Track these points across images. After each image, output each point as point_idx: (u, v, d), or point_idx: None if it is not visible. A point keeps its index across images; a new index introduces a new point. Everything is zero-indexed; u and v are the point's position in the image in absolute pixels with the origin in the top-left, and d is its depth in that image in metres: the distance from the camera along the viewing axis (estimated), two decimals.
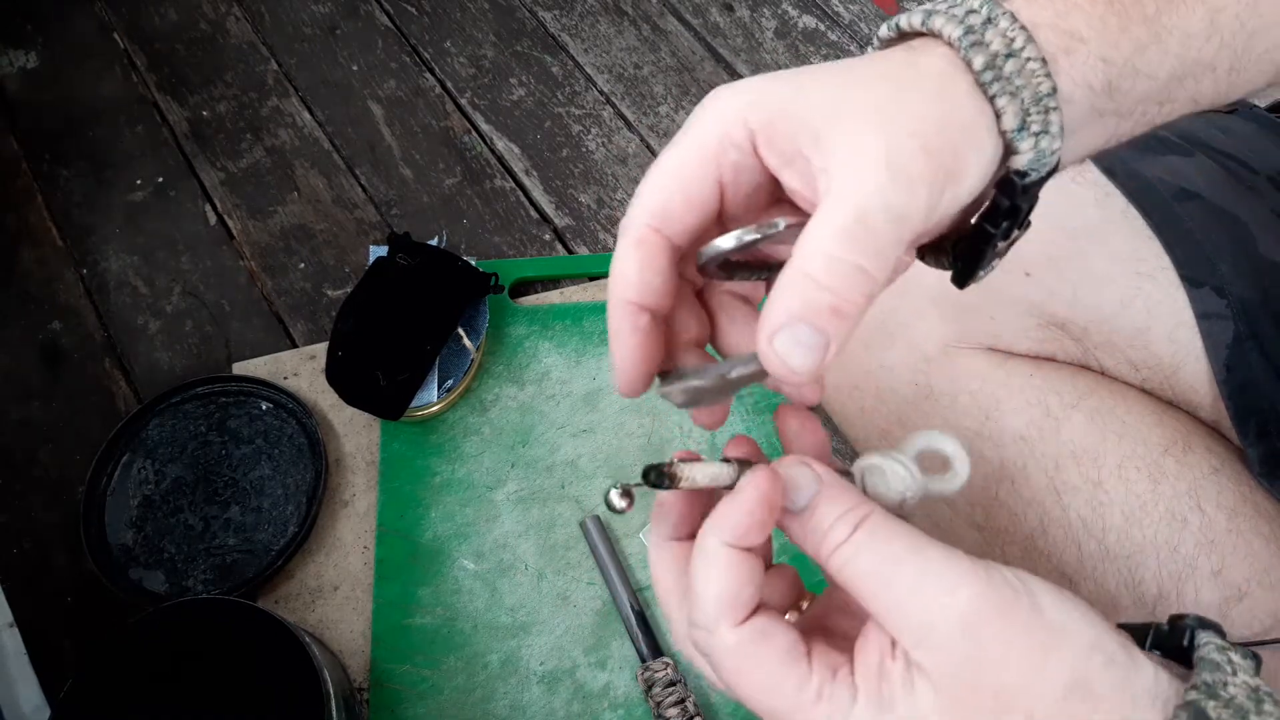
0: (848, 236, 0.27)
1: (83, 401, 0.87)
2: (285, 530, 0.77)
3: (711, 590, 0.29)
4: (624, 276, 0.31)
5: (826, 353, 0.27)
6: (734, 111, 0.30)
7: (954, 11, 0.31)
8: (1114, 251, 0.55)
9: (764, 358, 0.28)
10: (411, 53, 1.08)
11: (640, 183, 0.32)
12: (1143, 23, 0.34)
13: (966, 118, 0.30)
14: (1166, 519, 0.50)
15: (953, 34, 0.31)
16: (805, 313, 0.27)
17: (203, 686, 0.67)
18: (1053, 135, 0.31)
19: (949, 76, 0.30)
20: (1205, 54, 0.35)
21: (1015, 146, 0.31)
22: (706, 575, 0.29)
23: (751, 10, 1.09)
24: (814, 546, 0.30)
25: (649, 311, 0.32)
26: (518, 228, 0.95)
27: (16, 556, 0.80)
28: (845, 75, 0.31)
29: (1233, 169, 0.56)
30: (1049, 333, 0.57)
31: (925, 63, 0.31)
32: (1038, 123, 0.31)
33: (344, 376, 0.77)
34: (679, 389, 0.31)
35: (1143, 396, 0.55)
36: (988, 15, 0.31)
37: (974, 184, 0.30)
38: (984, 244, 0.33)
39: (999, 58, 0.30)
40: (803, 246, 0.28)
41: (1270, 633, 0.47)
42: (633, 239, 0.31)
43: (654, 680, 0.69)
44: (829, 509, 0.30)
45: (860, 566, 0.29)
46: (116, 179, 1.00)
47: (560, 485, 0.79)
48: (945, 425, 0.58)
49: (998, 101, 0.30)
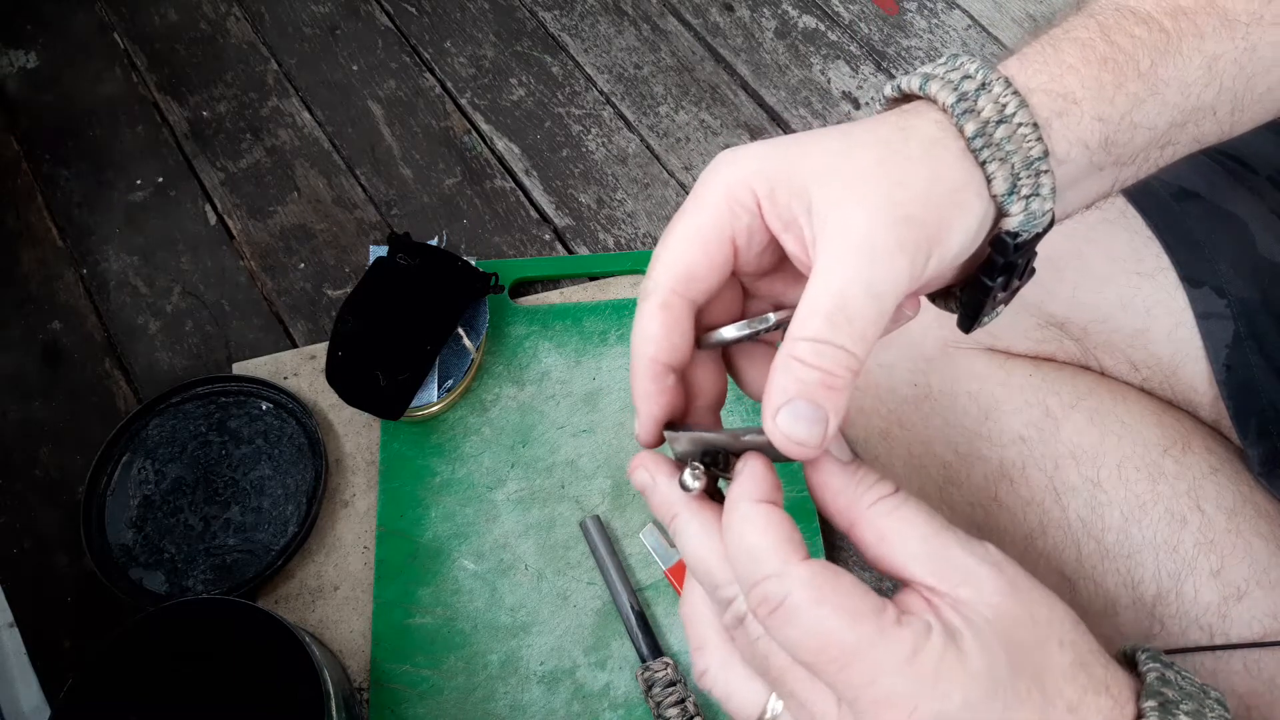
0: (829, 323, 0.29)
1: (83, 401, 0.87)
2: (285, 530, 0.77)
3: (769, 537, 0.30)
4: (650, 337, 0.33)
5: (827, 424, 0.29)
6: (740, 177, 0.32)
7: (950, 77, 0.33)
8: (1114, 251, 0.55)
9: (771, 435, 0.30)
10: (411, 53, 1.08)
11: (658, 246, 0.34)
12: (1137, 78, 0.35)
13: (954, 182, 0.31)
14: (1166, 519, 0.50)
15: (946, 100, 0.32)
16: (800, 391, 0.29)
17: (203, 686, 0.67)
18: (1043, 198, 0.32)
19: (939, 142, 0.32)
20: (1205, 99, 0.36)
21: (1005, 209, 0.32)
22: (758, 527, 0.30)
23: (751, 10, 1.09)
24: (855, 497, 0.31)
25: (673, 370, 0.33)
26: (518, 228, 0.95)
27: (16, 556, 0.80)
28: (841, 140, 0.32)
29: (1233, 169, 0.56)
30: (1048, 333, 0.57)
31: (917, 127, 0.32)
32: (1028, 186, 0.32)
33: (344, 376, 0.77)
34: (686, 436, 0.33)
35: (1142, 396, 0.55)
36: (982, 81, 0.32)
37: (961, 245, 0.31)
38: (983, 295, 0.34)
39: (990, 124, 0.32)
40: (793, 330, 0.30)
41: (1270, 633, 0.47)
42: (657, 302, 0.33)
43: (654, 680, 0.69)
44: (870, 470, 0.31)
45: (903, 515, 0.30)
46: (116, 179, 1.00)
47: (560, 485, 0.79)
48: (945, 425, 0.58)
49: (988, 167, 0.31)
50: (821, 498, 0.32)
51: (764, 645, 0.30)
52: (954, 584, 0.29)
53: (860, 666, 0.28)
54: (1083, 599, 0.51)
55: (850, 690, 0.28)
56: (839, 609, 0.28)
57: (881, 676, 0.27)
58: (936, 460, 0.59)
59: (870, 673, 0.27)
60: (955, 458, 0.58)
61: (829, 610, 0.28)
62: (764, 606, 0.29)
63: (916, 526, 0.30)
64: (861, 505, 0.31)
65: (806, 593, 0.28)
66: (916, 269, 0.30)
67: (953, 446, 0.58)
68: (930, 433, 0.59)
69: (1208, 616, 0.48)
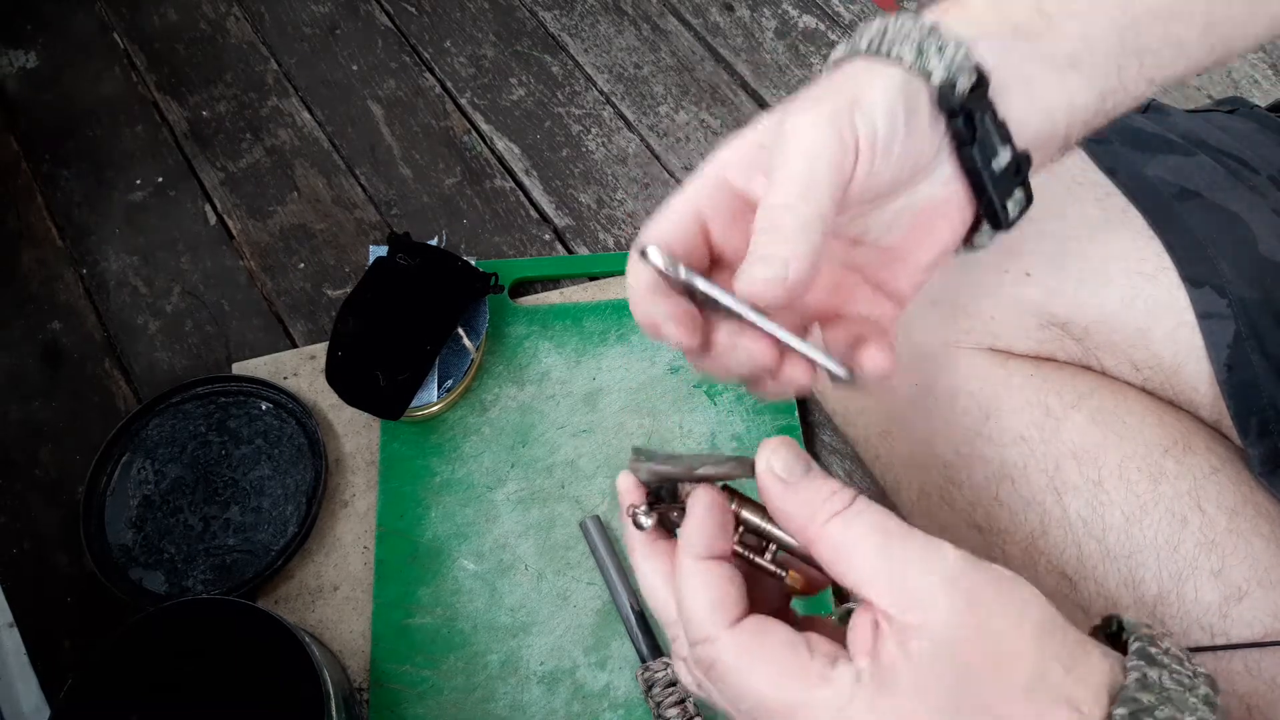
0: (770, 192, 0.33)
1: (83, 401, 0.87)
2: (285, 530, 0.77)
3: (700, 600, 0.31)
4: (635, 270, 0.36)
5: (787, 266, 0.32)
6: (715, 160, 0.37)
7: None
8: (1114, 251, 0.55)
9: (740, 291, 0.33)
10: (411, 53, 1.08)
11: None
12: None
13: (861, 68, 0.36)
14: (1167, 519, 0.50)
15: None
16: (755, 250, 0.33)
17: (202, 686, 0.67)
18: (953, 46, 0.35)
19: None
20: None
21: (927, 69, 0.35)
22: (693, 589, 0.31)
23: (751, 10, 1.09)
24: (808, 516, 0.32)
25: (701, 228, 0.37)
26: (518, 228, 0.95)
27: (16, 556, 0.80)
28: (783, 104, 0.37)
29: (1234, 168, 0.56)
30: (1049, 333, 0.57)
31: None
32: (932, 45, 0.35)
33: (344, 376, 0.77)
34: (646, 468, 0.35)
35: (1143, 396, 0.55)
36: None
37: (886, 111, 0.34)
38: (976, 171, 0.36)
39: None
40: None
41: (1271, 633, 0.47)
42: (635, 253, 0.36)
43: (654, 680, 0.69)
44: (824, 483, 0.32)
45: (856, 531, 0.31)
46: (116, 179, 1.00)
47: (560, 485, 0.79)
48: (946, 425, 0.58)
49: (893, 52, 0.35)
50: (781, 523, 0.33)
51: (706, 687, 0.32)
52: (903, 608, 0.29)
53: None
54: (1084, 599, 0.51)
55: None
56: (766, 672, 0.30)
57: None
58: (937, 460, 0.59)
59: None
60: (956, 457, 0.58)
61: (757, 674, 0.30)
62: (699, 666, 0.31)
63: (870, 541, 0.30)
64: (816, 523, 0.31)
65: (734, 658, 0.30)
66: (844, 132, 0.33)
67: (953, 446, 0.58)
68: (931, 432, 0.59)
69: (1209, 616, 0.48)
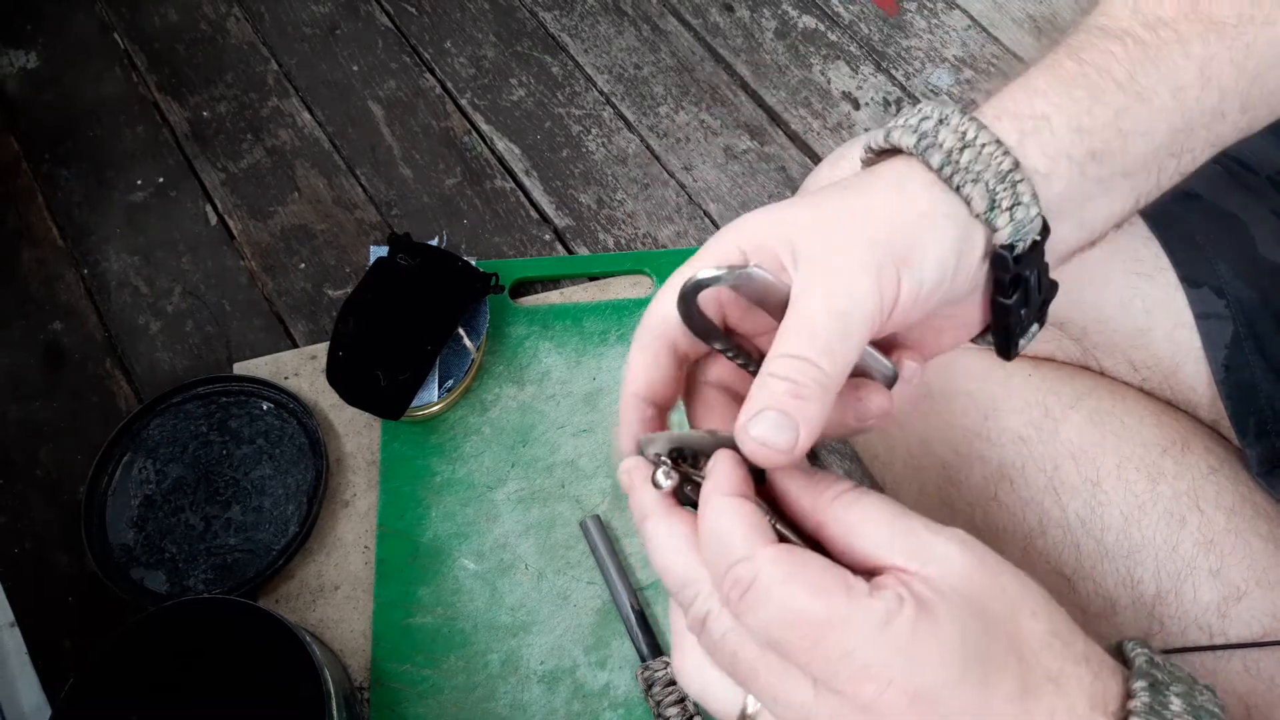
0: (795, 337, 0.31)
1: (83, 401, 0.87)
2: (286, 530, 0.77)
3: (739, 527, 0.31)
4: (630, 371, 0.36)
5: (797, 431, 0.31)
6: (731, 239, 0.34)
7: (909, 123, 0.35)
8: (1113, 252, 0.55)
9: (743, 445, 0.31)
10: (411, 53, 1.08)
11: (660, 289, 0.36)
12: (1116, 89, 0.36)
13: (921, 207, 0.33)
14: (1165, 519, 0.50)
15: (908, 143, 0.34)
16: (769, 400, 0.31)
17: (203, 686, 0.67)
18: (1025, 205, 0.33)
19: (905, 175, 0.34)
20: (1207, 102, 0.37)
21: (993, 224, 0.33)
22: (730, 518, 0.31)
23: (751, 10, 1.09)
24: (817, 495, 0.32)
25: (653, 405, 0.36)
26: (518, 228, 0.95)
27: (17, 556, 0.80)
28: (828, 193, 0.34)
29: (1232, 169, 0.56)
30: (1048, 333, 0.57)
31: (884, 169, 0.35)
32: (1007, 198, 0.33)
33: (344, 376, 0.77)
34: (664, 437, 0.35)
35: (1142, 396, 0.55)
36: (939, 118, 0.34)
37: (938, 266, 0.33)
38: (1005, 316, 0.36)
39: (954, 151, 0.33)
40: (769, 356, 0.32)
41: (1269, 632, 0.47)
42: (640, 343, 0.36)
43: (654, 680, 0.69)
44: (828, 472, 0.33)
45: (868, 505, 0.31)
46: (117, 179, 1.00)
47: (560, 485, 0.79)
48: (944, 425, 0.58)
49: (962, 190, 0.33)
50: (786, 503, 0.33)
51: (732, 641, 0.30)
52: (922, 562, 0.29)
53: (833, 639, 0.28)
54: (1082, 599, 0.51)
55: (825, 667, 0.28)
56: (807, 584, 0.28)
57: (855, 649, 0.27)
58: (936, 460, 0.59)
59: (843, 646, 0.27)
60: (955, 457, 0.58)
61: (797, 586, 0.28)
62: (735, 589, 0.29)
63: (881, 514, 0.31)
64: (824, 501, 0.32)
65: (774, 570, 0.29)
66: (885, 288, 0.32)
67: (952, 446, 0.58)
68: (930, 433, 0.59)
69: (1207, 616, 0.48)
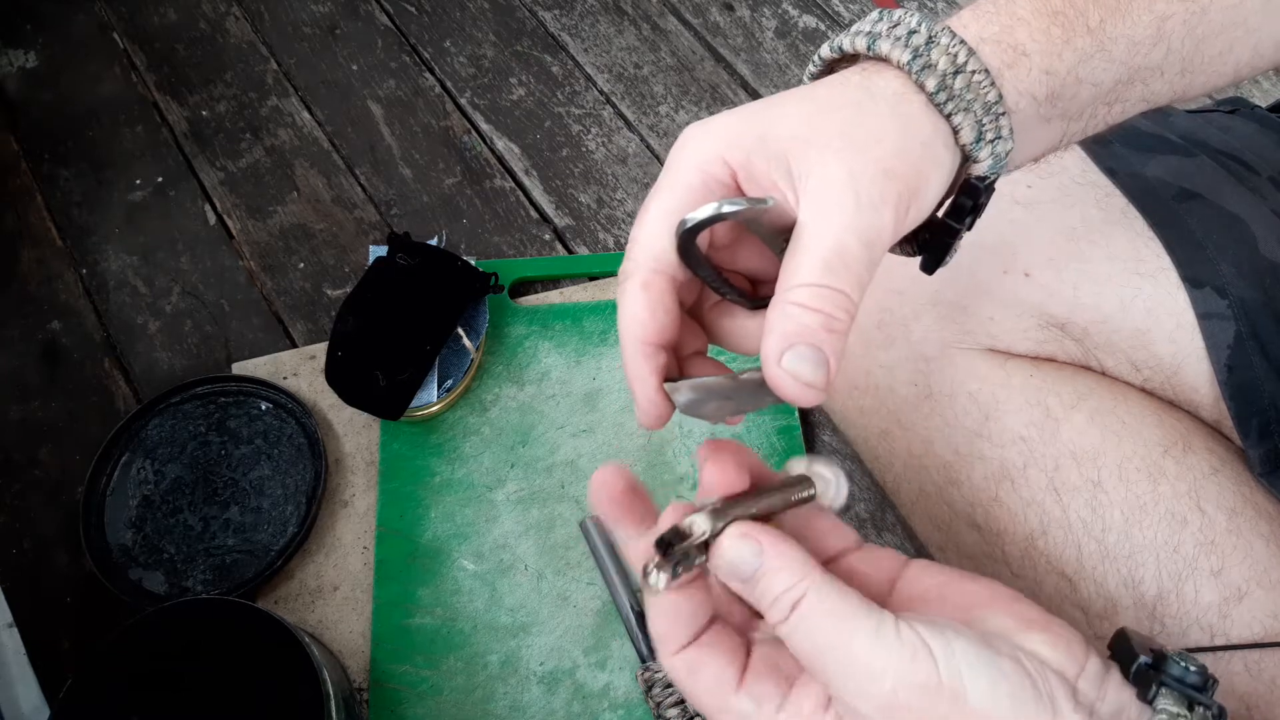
0: (827, 268, 0.30)
1: (82, 401, 0.87)
2: (285, 530, 0.77)
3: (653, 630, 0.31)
4: (636, 318, 0.33)
5: (829, 368, 0.30)
6: (713, 152, 0.32)
7: (897, 34, 0.33)
8: (1114, 252, 0.55)
9: (774, 381, 0.30)
10: (411, 52, 1.08)
11: (634, 227, 0.33)
12: (1086, 34, 0.36)
13: (925, 136, 0.32)
14: (1166, 519, 0.50)
15: (901, 58, 0.33)
16: (802, 334, 0.29)
17: (202, 687, 0.67)
18: (1005, 139, 0.34)
19: (904, 98, 0.33)
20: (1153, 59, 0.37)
21: (974, 155, 0.33)
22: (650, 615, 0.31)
23: (751, 10, 1.09)
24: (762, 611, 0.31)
25: (663, 348, 0.33)
26: (518, 228, 0.95)
27: (16, 556, 0.80)
28: (809, 104, 0.33)
29: (1234, 169, 0.56)
30: (1049, 333, 0.57)
31: (880, 86, 0.33)
32: (991, 131, 0.33)
33: (343, 376, 0.77)
34: (687, 385, 0.32)
35: (1143, 397, 0.55)
36: (929, 35, 0.33)
37: (935, 195, 0.33)
38: (949, 237, 0.36)
39: (948, 76, 0.33)
40: (788, 280, 0.30)
41: (1270, 633, 0.47)
42: (639, 282, 0.33)
43: (654, 681, 0.69)
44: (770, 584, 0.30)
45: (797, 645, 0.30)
46: (116, 179, 1.00)
47: (560, 485, 0.79)
48: (945, 425, 0.58)
49: (954, 119, 0.33)
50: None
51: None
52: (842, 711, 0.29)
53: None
54: (1084, 599, 0.51)
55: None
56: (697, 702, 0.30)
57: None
58: (937, 460, 0.59)
59: None
60: (956, 458, 0.58)
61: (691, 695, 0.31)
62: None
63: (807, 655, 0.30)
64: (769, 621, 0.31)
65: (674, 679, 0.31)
66: (900, 222, 0.31)
67: (953, 446, 0.58)
68: (930, 433, 0.59)
69: (1208, 617, 0.48)
